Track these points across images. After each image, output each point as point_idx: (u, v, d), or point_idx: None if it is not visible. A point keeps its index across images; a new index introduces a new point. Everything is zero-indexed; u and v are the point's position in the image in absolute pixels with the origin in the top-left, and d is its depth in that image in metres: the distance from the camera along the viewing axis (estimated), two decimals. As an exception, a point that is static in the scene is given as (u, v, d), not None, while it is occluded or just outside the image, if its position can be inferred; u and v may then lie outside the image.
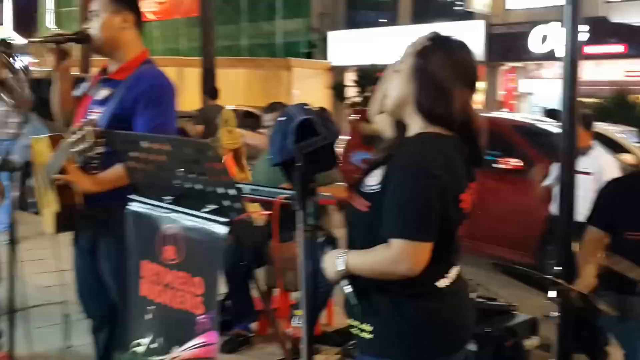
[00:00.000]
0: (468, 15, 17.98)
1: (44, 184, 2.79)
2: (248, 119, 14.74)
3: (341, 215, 2.23)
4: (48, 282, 3.98)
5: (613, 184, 3.25)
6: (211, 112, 8.93)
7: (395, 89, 1.88)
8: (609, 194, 3.13)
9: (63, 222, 2.78)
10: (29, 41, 3.57)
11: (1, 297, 3.25)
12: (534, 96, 18.91)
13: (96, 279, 2.92)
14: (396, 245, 1.72)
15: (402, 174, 1.76)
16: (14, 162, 2.89)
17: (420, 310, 1.81)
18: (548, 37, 16.53)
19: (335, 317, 4.29)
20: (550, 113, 10.36)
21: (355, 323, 1.88)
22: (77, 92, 2.99)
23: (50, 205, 2.77)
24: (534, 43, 17.39)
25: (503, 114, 10.93)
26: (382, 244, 1.76)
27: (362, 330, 1.85)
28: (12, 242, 2.71)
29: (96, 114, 2.79)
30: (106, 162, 2.70)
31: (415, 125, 1.86)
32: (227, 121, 4.21)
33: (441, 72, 1.81)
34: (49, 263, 3.61)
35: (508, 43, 17.74)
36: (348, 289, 1.87)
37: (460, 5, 18.41)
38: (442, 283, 1.83)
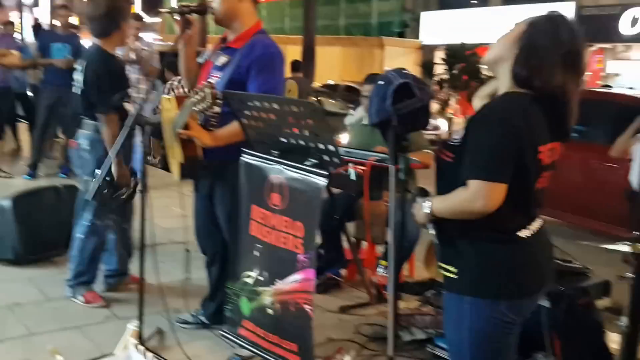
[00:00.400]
0: (560, -3, 17.14)
1: (171, 138, 2.99)
2: (348, 92, 14.85)
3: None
4: (170, 225, 4.25)
5: None
6: (292, 83, 9.08)
7: (498, 46, 1.90)
8: None
9: (186, 172, 2.98)
10: (158, 11, 3.77)
11: (135, 236, 3.60)
12: (620, 77, 17.89)
13: (212, 220, 3.13)
14: (472, 185, 1.77)
15: (480, 122, 1.83)
16: (145, 117, 3.08)
17: (500, 255, 1.85)
18: (639, 20, 15.55)
19: (417, 270, 4.36)
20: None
21: (442, 264, 1.95)
22: (200, 60, 3.17)
23: (176, 157, 2.98)
24: (624, 25, 16.42)
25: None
26: (461, 187, 1.82)
27: (448, 271, 1.92)
28: (143, 190, 2.92)
29: (215, 78, 2.95)
30: (223, 120, 2.88)
31: (504, 85, 1.88)
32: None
33: (543, 45, 1.80)
34: (171, 210, 3.89)
35: (598, 25, 16.80)
36: (432, 231, 1.94)
37: (553, -13, 17.55)
38: (523, 233, 1.86)
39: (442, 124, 13.00)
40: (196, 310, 3.37)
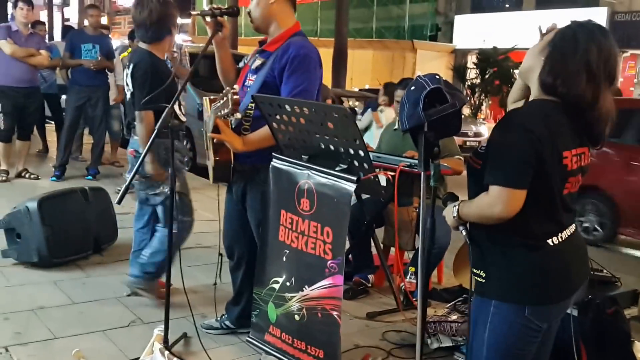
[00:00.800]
0: (593, 2, 16.88)
1: (207, 141, 3.01)
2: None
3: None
4: (199, 230, 4.27)
5: None
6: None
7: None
8: None
9: (218, 175, 2.98)
10: (189, 13, 3.78)
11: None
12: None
13: (241, 225, 3.13)
14: (492, 191, 1.82)
15: (500, 129, 1.87)
16: (171, 119, 3.07)
17: (528, 262, 1.87)
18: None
19: (445, 277, 4.32)
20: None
21: (473, 269, 1.97)
22: (240, 64, 3.17)
23: (209, 159, 2.99)
24: (658, 31, 16.09)
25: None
26: (484, 192, 1.86)
27: (478, 275, 1.95)
28: (172, 192, 2.92)
29: (250, 82, 2.94)
30: (256, 124, 2.87)
31: (534, 93, 1.93)
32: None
33: (566, 52, 1.83)
34: (199, 214, 3.89)
35: (630, 30, 16.51)
36: (464, 234, 1.99)
37: (586, -8, 17.29)
38: (553, 241, 1.88)
39: (484, 130, 12.82)
40: (222, 316, 3.37)
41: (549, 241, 1.87)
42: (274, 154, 2.79)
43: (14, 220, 4.15)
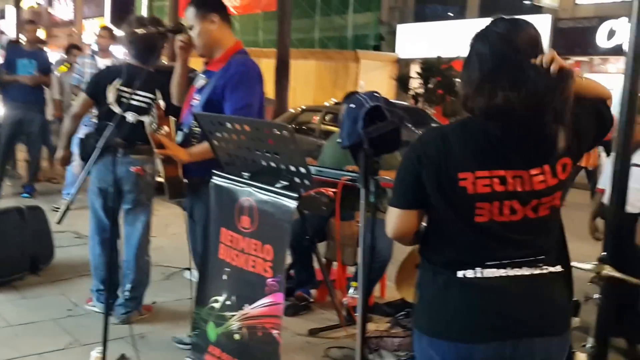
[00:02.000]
0: (536, 10, 17.52)
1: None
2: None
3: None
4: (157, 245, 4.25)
5: None
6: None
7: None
8: None
9: (172, 192, 3.07)
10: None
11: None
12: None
13: (193, 239, 3.20)
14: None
15: None
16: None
17: (430, 290, 1.75)
18: (616, 32, 15.96)
19: (387, 291, 4.41)
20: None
21: None
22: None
23: (162, 176, 3.07)
24: (601, 38, 16.83)
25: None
26: None
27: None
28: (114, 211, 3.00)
29: (196, 101, 3.04)
30: (204, 139, 2.92)
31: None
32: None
33: (473, 61, 1.68)
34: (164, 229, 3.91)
35: (575, 37, 17.21)
36: None
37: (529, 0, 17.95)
38: (465, 274, 1.67)
39: None
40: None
41: (460, 273, 1.67)
42: (214, 171, 2.82)
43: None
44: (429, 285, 1.75)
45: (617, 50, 15.00)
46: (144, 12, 27.05)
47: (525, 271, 1.67)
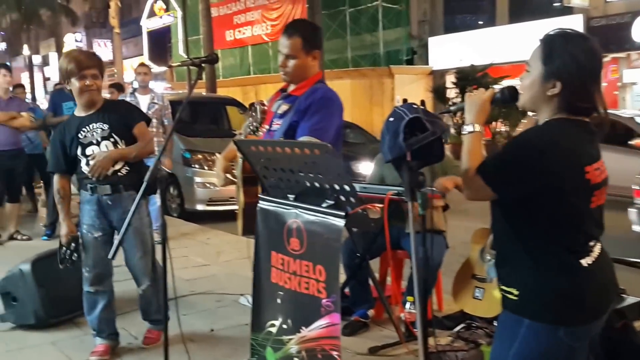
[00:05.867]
0: (566, 11, 17.20)
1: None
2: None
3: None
4: (189, 276, 4.25)
5: None
6: None
7: (525, 89, 1.96)
8: None
9: (248, 224, 2.97)
10: (170, 65, 3.83)
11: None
12: (638, 86, 17.78)
13: None
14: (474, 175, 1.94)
15: (520, 139, 1.95)
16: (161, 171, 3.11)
17: (562, 283, 1.88)
18: (651, 26, 15.53)
19: (445, 303, 4.30)
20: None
21: (503, 286, 1.98)
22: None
23: (238, 202, 3.08)
24: (636, 32, 16.38)
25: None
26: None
27: (510, 293, 1.94)
28: (164, 241, 2.92)
29: (277, 125, 3.04)
30: None
31: (543, 116, 1.94)
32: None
33: (580, 67, 1.87)
34: (190, 260, 3.89)
35: (609, 34, 16.77)
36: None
37: (559, 1, 17.62)
38: (586, 261, 1.89)
39: None
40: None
41: (582, 261, 1.89)
42: (260, 195, 2.80)
43: (9, 284, 4.16)
44: (558, 278, 1.88)
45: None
46: (180, 47, 27.69)
47: (600, 249, 1.96)
